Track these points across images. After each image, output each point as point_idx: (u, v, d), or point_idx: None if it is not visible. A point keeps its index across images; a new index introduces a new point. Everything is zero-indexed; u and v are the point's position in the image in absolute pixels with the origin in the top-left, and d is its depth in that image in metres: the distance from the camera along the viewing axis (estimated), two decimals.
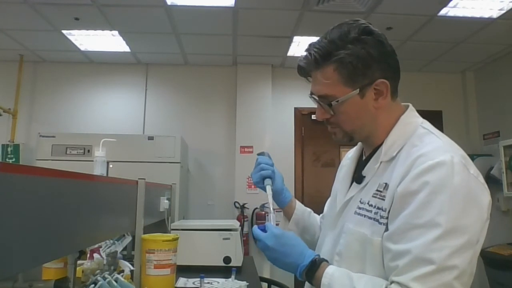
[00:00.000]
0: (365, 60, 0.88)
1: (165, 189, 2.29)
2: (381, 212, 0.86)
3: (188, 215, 4.23)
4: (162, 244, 1.54)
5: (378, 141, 0.96)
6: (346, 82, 0.89)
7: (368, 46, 0.88)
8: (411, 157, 0.84)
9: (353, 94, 0.90)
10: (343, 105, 0.91)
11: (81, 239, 1.09)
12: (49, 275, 1.34)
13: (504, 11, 3.23)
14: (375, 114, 0.93)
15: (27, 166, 0.75)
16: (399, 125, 0.94)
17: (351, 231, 0.91)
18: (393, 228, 0.82)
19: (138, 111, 4.58)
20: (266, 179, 1.16)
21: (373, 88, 0.91)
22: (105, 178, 1.53)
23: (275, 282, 2.46)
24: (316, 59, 0.91)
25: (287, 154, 4.58)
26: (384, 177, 0.89)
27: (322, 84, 0.92)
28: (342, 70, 0.89)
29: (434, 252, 0.75)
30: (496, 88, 4.32)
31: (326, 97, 0.92)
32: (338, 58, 0.88)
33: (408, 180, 0.81)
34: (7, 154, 4.14)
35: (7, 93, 4.31)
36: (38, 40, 3.99)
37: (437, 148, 0.84)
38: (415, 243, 0.77)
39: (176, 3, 3.20)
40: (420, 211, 0.78)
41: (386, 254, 0.82)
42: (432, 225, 0.77)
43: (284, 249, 0.92)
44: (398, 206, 0.82)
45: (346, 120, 0.94)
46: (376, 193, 0.89)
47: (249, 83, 4.55)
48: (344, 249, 0.93)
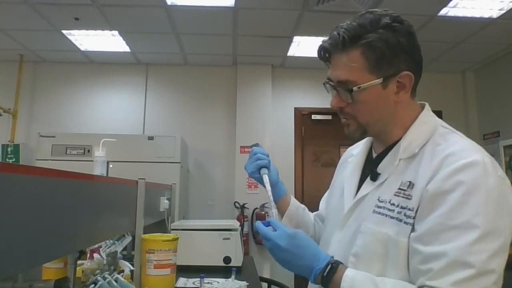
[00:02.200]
0: (394, 48, 0.85)
1: (165, 189, 2.29)
2: (407, 211, 0.81)
3: (188, 215, 4.23)
4: (162, 244, 1.54)
5: (393, 138, 0.92)
6: (371, 68, 0.85)
7: (399, 35, 0.86)
8: (438, 156, 0.81)
9: (376, 83, 0.86)
10: (364, 93, 0.86)
11: (81, 239, 1.09)
12: (49, 275, 1.34)
13: (504, 11, 3.23)
14: (393, 108, 0.90)
15: (27, 166, 0.75)
16: (417, 123, 0.91)
17: (372, 231, 0.85)
18: (423, 229, 0.77)
19: (138, 111, 4.58)
20: (262, 168, 1.10)
21: (396, 80, 0.87)
22: (105, 178, 1.53)
23: (275, 282, 2.46)
24: (344, 40, 0.86)
25: (287, 154, 4.58)
26: (406, 175, 0.85)
27: (344, 68, 0.87)
28: (369, 54, 0.85)
29: (473, 255, 0.71)
30: (496, 88, 4.32)
31: (347, 83, 0.87)
32: (367, 42, 0.84)
33: (439, 179, 0.78)
34: (7, 154, 4.14)
35: (7, 93, 4.31)
36: (38, 40, 3.99)
37: (466, 147, 0.81)
38: (451, 245, 0.73)
39: (176, 3, 3.20)
40: (454, 212, 0.74)
41: (415, 256, 0.77)
42: (468, 227, 0.73)
43: (298, 250, 0.84)
44: (429, 205, 0.77)
45: (363, 110, 0.89)
46: (399, 192, 0.84)
47: (249, 83, 4.55)
48: (362, 250, 0.86)
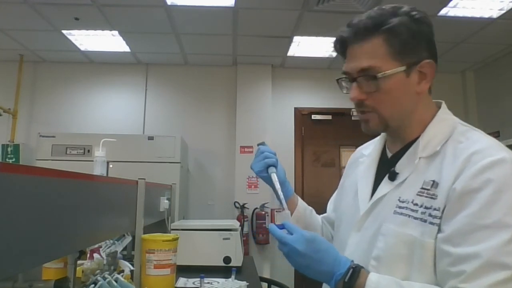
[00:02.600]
0: (416, 34, 0.84)
1: (165, 189, 2.29)
2: (432, 211, 0.78)
3: (188, 215, 4.23)
4: (162, 244, 1.54)
5: (411, 136, 0.89)
6: (395, 55, 0.83)
7: (419, 22, 0.85)
8: (462, 154, 0.79)
9: (399, 70, 0.83)
10: (388, 81, 0.83)
11: (81, 239, 1.09)
12: (49, 275, 1.34)
13: (504, 11, 3.23)
14: (415, 100, 0.87)
15: (27, 166, 0.75)
16: (436, 120, 0.88)
17: (394, 232, 0.82)
18: (452, 230, 0.74)
19: (138, 111, 4.58)
20: (270, 167, 1.06)
21: (418, 70, 0.85)
22: (105, 178, 1.53)
23: (275, 282, 2.46)
24: (367, 27, 0.84)
25: (287, 154, 4.57)
26: (429, 174, 0.82)
27: (367, 56, 0.84)
28: (392, 40, 0.83)
29: (508, 256, 0.69)
30: (496, 88, 4.32)
31: (371, 69, 0.83)
32: (390, 27, 0.83)
33: (467, 177, 0.75)
34: (7, 154, 4.14)
35: (7, 93, 4.31)
36: (38, 40, 3.99)
37: (490, 145, 0.79)
38: (484, 246, 0.70)
39: (176, 3, 3.20)
40: (485, 211, 0.72)
41: (444, 258, 0.74)
42: (501, 226, 0.70)
43: (317, 255, 0.80)
44: (457, 205, 0.75)
45: (387, 100, 0.85)
46: (422, 191, 0.81)
47: (249, 83, 4.55)
48: (384, 253, 0.82)
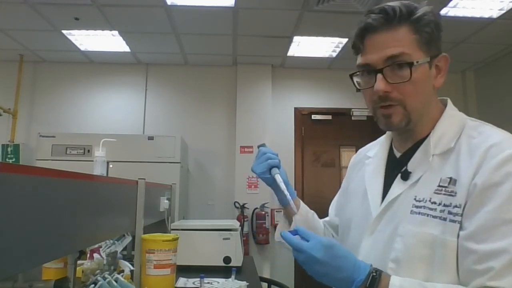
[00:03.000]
0: (437, 26, 0.84)
1: (165, 189, 2.29)
2: (452, 209, 0.76)
3: (188, 215, 4.23)
4: (162, 244, 1.54)
5: (421, 134, 0.88)
6: (422, 45, 0.82)
7: (437, 15, 0.85)
8: (478, 148, 0.77)
9: (426, 60, 0.82)
10: (417, 70, 0.81)
11: (81, 239, 1.09)
12: (49, 275, 1.34)
13: (504, 11, 3.23)
14: (432, 95, 0.86)
15: (27, 166, 0.75)
16: (445, 117, 0.88)
17: (413, 232, 0.79)
18: (475, 226, 0.72)
19: (138, 111, 4.58)
20: (273, 168, 1.03)
21: (436, 64, 0.85)
22: (105, 178, 1.53)
23: (275, 282, 2.46)
24: (400, 14, 0.81)
25: (287, 154, 4.57)
26: (445, 172, 0.80)
27: (396, 44, 0.81)
28: (421, 29, 0.82)
29: None
30: (496, 88, 4.32)
31: (403, 56, 0.80)
32: (420, 16, 0.81)
33: (487, 171, 0.74)
34: (7, 154, 4.14)
35: (7, 93, 4.31)
36: (38, 40, 3.99)
37: (506, 138, 0.78)
38: (510, 240, 0.68)
39: (176, 3, 3.20)
40: (508, 204, 0.70)
41: (468, 256, 0.72)
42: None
43: (335, 262, 0.76)
44: (479, 200, 0.73)
45: (414, 91, 0.82)
46: (440, 189, 0.79)
47: (249, 83, 4.55)
48: (403, 255, 0.79)
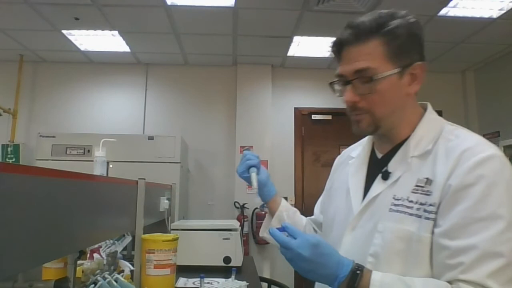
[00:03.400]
0: (411, 37, 0.88)
1: (165, 189, 2.29)
2: (427, 207, 0.81)
3: (188, 215, 4.23)
4: (162, 244, 1.54)
5: (400, 137, 0.93)
6: (391, 57, 0.87)
7: (414, 26, 0.89)
8: (454, 151, 0.82)
9: (394, 72, 0.87)
10: (383, 82, 0.87)
11: (81, 239, 1.09)
12: (49, 275, 1.34)
13: (504, 11, 3.23)
14: (404, 101, 0.91)
15: (27, 166, 0.75)
16: (424, 121, 0.93)
17: (391, 228, 0.84)
18: (449, 224, 0.77)
19: (138, 111, 4.58)
20: (251, 168, 1.14)
21: (410, 72, 0.90)
22: (105, 178, 1.53)
23: (275, 282, 2.46)
24: (368, 29, 0.87)
25: (287, 154, 4.58)
26: (422, 172, 0.85)
27: (364, 58, 0.87)
28: (391, 42, 0.86)
29: (502, 245, 0.73)
30: (496, 88, 4.33)
31: (368, 70, 0.86)
32: (390, 29, 0.86)
33: (461, 173, 0.79)
34: (7, 154, 4.15)
35: (7, 93, 4.31)
36: (38, 40, 3.99)
37: (479, 142, 0.84)
38: (480, 237, 0.74)
39: (176, 3, 3.20)
40: (479, 204, 0.76)
41: (442, 252, 0.77)
42: (494, 218, 0.74)
43: (321, 259, 0.80)
44: (452, 200, 0.78)
45: (380, 101, 0.88)
46: (417, 189, 0.84)
47: (249, 83, 4.55)
48: (381, 249, 0.85)
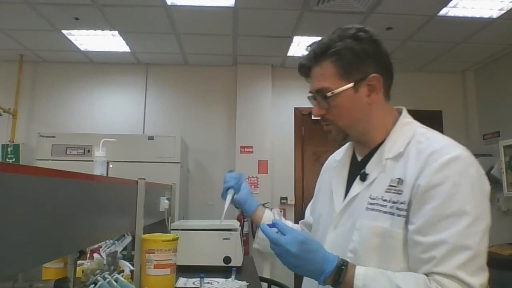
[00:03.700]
0: (360, 54, 0.94)
1: (165, 189, 2.29)
2: (398, 205, 0.88)
3: (188, 215, 4.23)
4: (162, 244, 1.54)
5: (376, 141, 0.99)
6: (342, 75, 0.95)
7: (364, 42, 0.95)
8: (423, 153, 0.88)
9: (347, 87, 0.95)
10: (338, 98, 0.95)
11: (81, 239, 1.09)
12: (49, 275, 1.34)
13: (504, 11, 3.23)
14: (368, 110, 0.97)
15: (27, 166, 0.75)
16: (398, 125, 0.99)
17: (367, 226, 0.91)
18: (420, 222, 0.84)
19: (138, 111, 4.58)
20: (229, 189, 1.24)
21: (367, 83, 0.96)
22: (105, 178, 1.53)
23: (275, 282, 2.46)
24: (316, 54, 0.97)
25: (287, 154, 4.58)
26: (395, 173, 0.91)
27: (320, 78, 0.97)
28: (338, 62, 0.95)
29: (469, 239, 0.80)
30: (496, 88, 4.32)
31: (322, 90, 0.96)
32: (335, 51, 0.94)
33: (428, 174, 0.85)
34: (7, 154, 4.14)
35: (7, 93, 4.31)
36: (38, 40, 3.99)
37: (447, 144, 0.90)
38: (449, 232, 0.80)
39: (176, 3, 3.20)
40: (447, 202, 0.82)
41: (416, 247, 0.84)
42: (461, 214, 0.81)
43: (308, 255, 0.85)
44: (422, 198, 0.84)
45: (340, 114, 0.97)
46: (390, 188, 0.91)
47: (249, 83, 4.55)
48: (359, 245, 0.92)
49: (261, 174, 4.38)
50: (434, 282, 0.80)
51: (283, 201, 4.45)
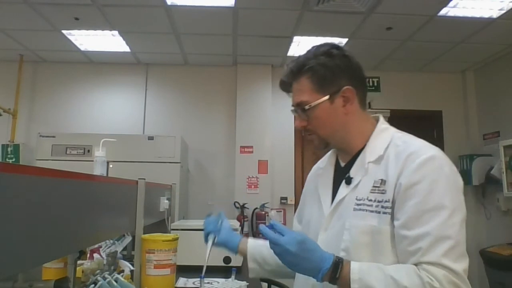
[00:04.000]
0: (332, 69, 1.03)
1: (165, 189, 2.29)
2: (383, 203, 0.96)
3: (188, 215, 4.23)
4: (162, 244, 1.54)
5: (356, 147, 1.08)
6: (318, 89, 1.04)
7: (336, 58, 1.04)
8: (401, 155, 0.97)
9: (323, 100, 1.04)
10: (315, 110, 1.04)
11: (81, 239, 1.09)
12: (49, 275, 1.34)
13: (504, 11, 3.23)
14: (345, 119, 1.06)
15: (27, 166, 0.75)
16: (377, 131, 1.08)
17: (356, 225, 0.98)
18: (404, 217, 0.92)
19: (138, 111, 4.58)
20: (209, 235, 1.28)
21: (341, 95, 1.04)
22: (105, 178, 1.53)
23: (275, 282, 2.46)
24: (293, 71, 1.07)
25: (287, 154, 4.58)
26: (377, 175, 1.00)
27: (298, 93, 1.07)
28: (313, 77, 1.04)
29: (450, 229, 0.88)
30: (496, 88, 4.32)
31: (301, 103, 1.05)
32: (310, 67, 1.03)
33: (408, 173, 0.94)
34: (7, 154, 4.14)
35: (7, 93, 4.31)
36: (38, 40, 3.99)
37: (422, 146, 0.99)
38: (431, 225, 0.88)
39: (176, 3, 3.20)
40: (427, 198, 0.91)
41: (402, 241, 0.91)
42: (440, 207, 0.89)
43: (306, 254, 0.91)
44: (404, 196, 0.93)
45: (319, 125, 1.06)
46: (374, 189, 0.98)
47: (249, 83, 4.55)
48: (350, 244, 0.97)
49: (261, 174, 4.38)
50: (423, 270, 0.86)
51: (283, 201, 4.45)
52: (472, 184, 4.26)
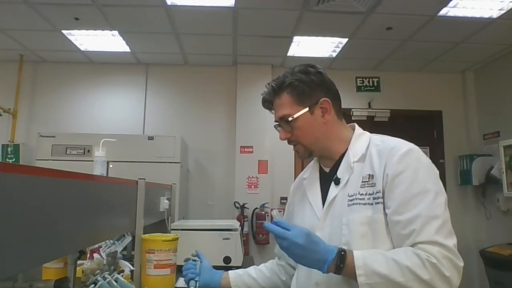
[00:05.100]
0: (309, 84, 1.15)
1: (165, 189, 2.29)
2: (374, 195, 1.06)
3: (188, 215, 4.23)
4: (162, 244, 1.54)
5: (338, 152, 1.18)
6: (298, 102, 1.15)
7: (311, 74, 1.16)
8: (383, 151, 1.09)
9: (303, 111, 1.15)
10: (297, 121, 1.16)
11: (81, 239, 1.09)
12: (49, 275, 1.34)
13: (504, 11, 3.23)
14: (325, 128, 1.17)
15: (27, 166, 0.75)
16: (355, 136, 1.19)
17: (353, 218, 1.06)
18: (395, 204, 1.02)
19: (138, 111, 4.57)
20: (190, 281, 1.35)
21: (320, 106, 1.16)
22: (105, 178, 1.53)
23: None
24: (274, 88, 1.19)
25: (287, 154, 4.56)
26: (364, 171, 1.10)
27: (280, 108, 1.18)
28: (293, 92, 1.16)
29: (436, 209, 0.99)
30: (496, 88, 4.32)
31: (284, 116, 1.16)
32: (289, 83, 1.15)
33: (393, 164, 1.05)
34: (7, 154, 4.14)
35: (7, 93, 4.31)
36: (38, 40, 3.99)
37: (399, 142, 1.12)
38: (420, 208, 0.99)
39: (176, 3, 3.20)
40: (412, 185, 1.02)
41: (396, 226, 1.01)
42: (425, 191, 1.01)
43: (313, 246, 0.99)
44: (392, 185, 1.04)
45: (302, 134, 1.17)
46: (364, 184, 1.09)
47: (249, 83, 4.54)
48: (350, 237, 1.05)
49: (261, 174, 4.38)
50: (419, 249, 0.95)
51: (283, 201, 4.45)
52: (472, 184, 4.26)
